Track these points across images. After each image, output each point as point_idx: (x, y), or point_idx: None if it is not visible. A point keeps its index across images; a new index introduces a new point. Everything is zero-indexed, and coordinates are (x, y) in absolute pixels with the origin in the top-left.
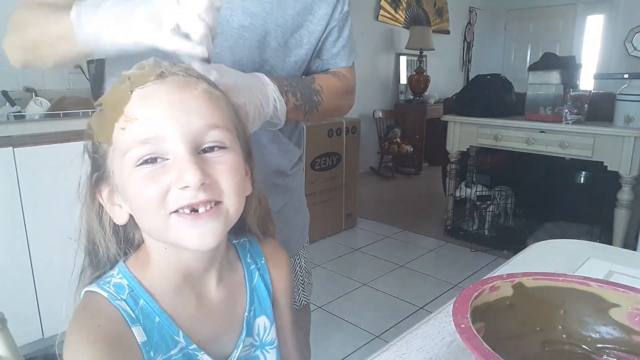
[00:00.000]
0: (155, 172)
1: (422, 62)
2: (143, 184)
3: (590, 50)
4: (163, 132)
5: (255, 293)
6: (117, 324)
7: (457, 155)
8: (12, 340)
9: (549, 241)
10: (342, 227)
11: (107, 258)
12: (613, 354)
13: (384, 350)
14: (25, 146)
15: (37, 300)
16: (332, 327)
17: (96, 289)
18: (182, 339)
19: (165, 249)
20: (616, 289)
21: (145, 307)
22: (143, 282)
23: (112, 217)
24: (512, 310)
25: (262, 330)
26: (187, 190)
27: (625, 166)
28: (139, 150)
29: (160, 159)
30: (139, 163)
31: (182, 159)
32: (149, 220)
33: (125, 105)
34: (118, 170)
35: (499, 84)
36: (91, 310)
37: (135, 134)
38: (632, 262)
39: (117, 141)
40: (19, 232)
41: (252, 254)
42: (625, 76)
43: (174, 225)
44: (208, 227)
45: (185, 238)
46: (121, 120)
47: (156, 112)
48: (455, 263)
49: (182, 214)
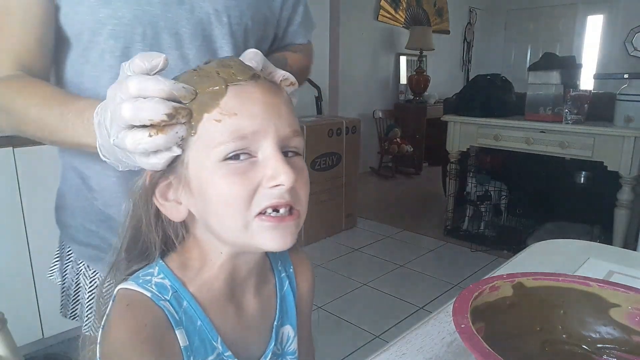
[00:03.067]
0: (245, 168)
1: (422, 62)
2: (233, 179)
3: (590, 50)
4: (261, 130)
5: (285, 302)
6: (163, 326)
7: (457, 155)
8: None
9: (549, 241)
10: (342, 227)
11: (145, 254)
12: (613, 354)
13: (384, 350)
14: (25, 146)
15: (37, 300)
16: (332, 327)
17: (137, 288)
18: (220, 345)
19: (220, 253)
20: (616, 289)
21: (189, 309)
22: (186, 284)
23: (165, 212)
24: (512, 310)
25: (285, 340)
26: (276, 189)
27: (625, 166)
28: (234, 144)
29: (249, 156)
30: (228, 157)
31: (275, 158)
32: (229, 218)
33: (222, 99)
34: (198, 162)
35: (499, 84)
36: (137, 309)
37: (233, 128)
38: (632, 262)
39: (204, 132)
40: (19, 232)
41: (282, 262)
42: (625, 76)
43: (255, 227)
44: (290, 229)
45: (266, 239)
46: (215, 112)
47: (255, 110)
48: (455, 263)
49: (266, 216)
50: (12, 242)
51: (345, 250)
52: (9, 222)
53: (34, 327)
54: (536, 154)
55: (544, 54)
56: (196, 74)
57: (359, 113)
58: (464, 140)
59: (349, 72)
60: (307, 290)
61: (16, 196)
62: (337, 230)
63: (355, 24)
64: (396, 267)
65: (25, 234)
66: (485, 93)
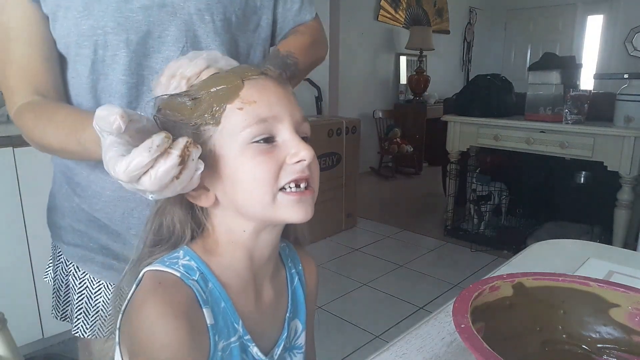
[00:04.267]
0: (269, 149)
1: (422, 62)
2: (261, 159)
3: (590, 50)
4: (280, 114)
5: (295, 296)
6: (193, 303)
7: (457, 155)
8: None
9: (549, 241)
10: (342, 227)
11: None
12: (613, 354)
13: (384, 350)
14: (25, 146)
15: (37, 300)
16: (332, 327)
17: (165, 269)
18: (241, 328)
19: (244, 232)
20: (616, 289)
21: (214, 290)
22: (211, 266)
23: (194, 200)
24: (512, 310)
25: (293, 333)
26: (298, 165)
27: (625, 166)
28: (257, 128)
29: (271, 139)
30: (254, 140)
31: (295, 139)
32: (259, 195)
33: (241, 91)
34: (225, 148)
35: (499, 84)
36: (168, 287)
37: (255, 113)
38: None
39: (228, 122)
40: (19, 232)
41: (292, 259)
42: (625, 76)
43: (280, 201)
44: (309, 202)
45: (292, 211)
46: (237, 102)
47: (271, 98)
48: (455, 263)
49: (289, 191)
50: (12, 242)
51: (345, 250)
52: (9, 222)
53: (34, 327)
54: (536, 154)
55: (544, 54)
56: (212, 77)
57: (359, 113)
58: (464, 140)
59: (349, 72)
60: (313, 289)
61: (16, 196)
62: (337, 230)
63: (355, 24)
64: (396, 267)
65: (25, 234)
66: (485, 93)
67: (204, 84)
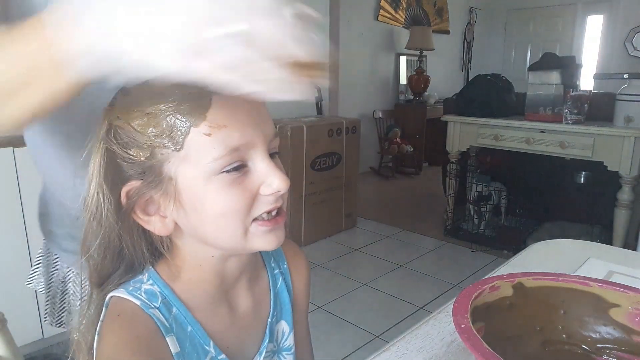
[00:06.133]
0: (240, 178)
1: (422, 62)
2: (232, 191)
3: (590, 50)
4: (253, 140)
5: (278, 298)
6: (154, 335)
7: (457, 155)
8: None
9: (549, 241)
10: (342, 227)
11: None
12: (613, 354)
13: (384, 350)
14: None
15: (37, 300)
16: (332, 327)
17: (126, 296)
18: (212, 349)
19: (212, 257)
20: (616, 289)
21: (178, 315)
22: (175, 290)
23: (149, 227)
24: (512, 310)
25: (280, 336)
26: (272, 196)
27: (625, 166)
28: (229, 157)
29: (242, 166)
30: (225, 170)
31: (269, 167)
32: (229, 229)
33: (207, 111)
34: (189, 176)
35: (499, 84)
36: (127, 319)
37: (225, 141)
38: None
39: (192, 147)
40: (19, 232)
41: (275, 258)
42: (625, 76)
43: (253, 232)
44: (280, 229)
45: (264, 241)
46: (203, 126)
47: (243, 119)
48: (455, 263)
49: (262, 221)
50: (12, 242)
51: (345, 250)
52: (9, 222)
53: (34, 327)
54: (536, 154)
55: (544, 54)
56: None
57: (359, 113)
58: (464, 140)
59: (349, 72)
60: (303, 284)
61: (16, 196)
62: (337, 230)
63: (355, 24)
64: (396, 267)
65: (25, 234)
66: (485, 93)
67: (158, 94)
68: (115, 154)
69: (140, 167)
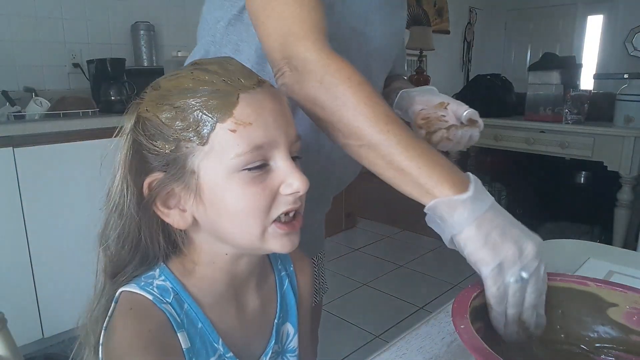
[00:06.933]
0: (262, 177)
1: (422, 62)
2: (253, 190)
3: (590, 50)
4: (276, 139)
5: (285, 300)
6: (166, 329)
7: (456, 155)
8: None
9: (549, 241)
10: (342, 227)
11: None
12: (611, 354)
13: (384, 350)
14: (25, 146)
15: (37, 300)
16: (332, 327)
17: (139, 291)
18: (221, 347)
19: (225, 255)
20: (614, 288)
21: (190, 311)
22: (187, 286)
23: (168, 220)
24: None
25: (285, 337)
26: (291, 196)
27: (625, 166)
28: (252, 155)
29: (264, 164)
30: (246, 167)
31: (290, 167)
32: (248, 227)
33: (235, 108)
34: (212, 172)
35: (499, 84)
36: (139, 313)
37: (249, 138)
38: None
39: (218, 142)
40: (19, 232)
41: (282, 260)
42: (625, 76)
43: (270, 233)
44: (296, 233)
45: (280, 243)
46: (229, 122)
47: (268, 119)
48: (455, 263)
49: (280, 224)
50: (12, 242)
51: (345, 250)
52: (9, 222)
53: (34, 327)
54: (536, 154)
55: (544, 54)
56: (202, 82)
57: None
58: None
59: None
60: (307, 286)
61: (16, 196)
62: (337, 230)
63: None
64: (396, 267)
65: (25, 234)
66: (485, 93)
67: (187, 89)
68: (142, 145)
69: (165, 159)
